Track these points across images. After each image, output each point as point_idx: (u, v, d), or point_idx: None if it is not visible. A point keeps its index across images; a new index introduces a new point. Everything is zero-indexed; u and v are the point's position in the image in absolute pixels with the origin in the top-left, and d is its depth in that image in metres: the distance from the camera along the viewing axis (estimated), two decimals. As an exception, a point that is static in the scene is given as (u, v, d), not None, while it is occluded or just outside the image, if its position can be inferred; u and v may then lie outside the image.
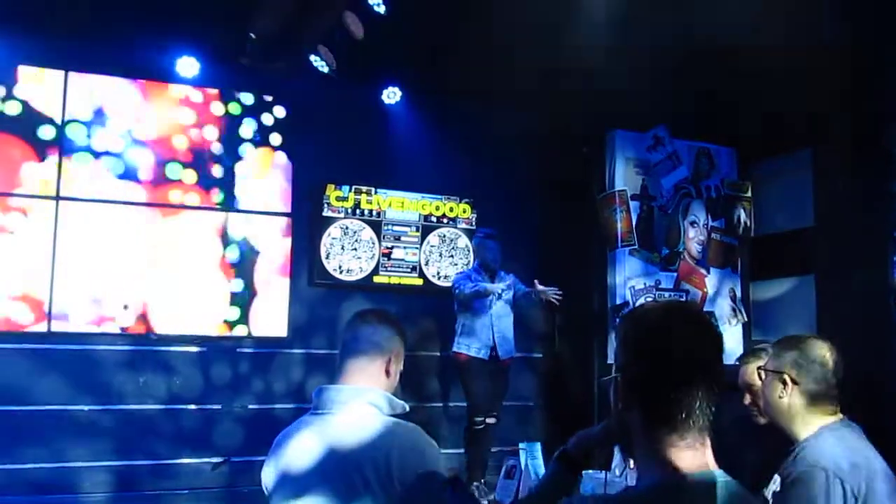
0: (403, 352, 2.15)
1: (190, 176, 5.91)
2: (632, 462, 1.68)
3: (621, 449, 1.45)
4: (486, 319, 5.50)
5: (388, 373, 2.08)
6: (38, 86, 5.63)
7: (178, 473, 5.67)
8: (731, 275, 6.66)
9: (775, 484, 2.17)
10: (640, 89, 6.02)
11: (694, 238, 6.53)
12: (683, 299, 6.16)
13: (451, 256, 6.48)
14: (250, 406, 5.90)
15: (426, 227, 6.45)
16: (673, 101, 6.15)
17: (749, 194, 6.71)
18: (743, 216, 6.66)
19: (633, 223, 6.35)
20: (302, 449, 1.96)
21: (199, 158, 5.94)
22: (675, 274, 6.47)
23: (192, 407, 5.79)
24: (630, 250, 6.37)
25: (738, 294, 6.63)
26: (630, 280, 6.34)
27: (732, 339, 6.52)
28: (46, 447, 5.39)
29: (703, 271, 6.54)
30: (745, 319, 6.58)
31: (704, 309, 6.49)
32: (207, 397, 5.83)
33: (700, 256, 6.53)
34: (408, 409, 2.12)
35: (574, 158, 6.55)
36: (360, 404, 2.00)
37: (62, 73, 5.69)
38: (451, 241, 6.51)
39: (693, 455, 1.29)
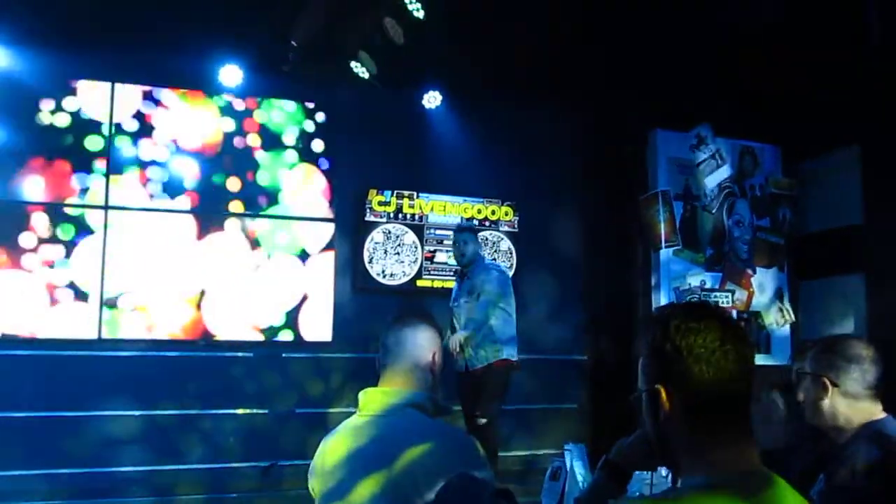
0: (441, 351, 2.16)
1: (234, 183, 5.98)
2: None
3: (660, 457, 1.41)
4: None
5: (428, 372, 2.09)
6: (85, 98, 5.73)
7: (228, 478, 5.72)
8: (778, 275, 6.56)
9: (820, 484, 2.15)
10: (683, 88, 5.99)
11: (739, 238, 6.44)
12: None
13: (494, 259, 6.46)
14: (297, 410, 5.94)
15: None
16: (716, 100, 6.09)
17: (795, 193, 6.61)
18: (789, 215, 6.56)
19: (677, 223, 6.28)
20: (348, 451, 1.97)
21: (242, 166, 6.01)
22: (721, 274, 6.39)
23: (240, 412, 5.84)
24: (674, 251, 6.31)
25: (786, 294, 6.53)
26: (674, 281, 6.28)
27: (780, 340, 6.43)
28: (97, 452, 5.49)
29: (749, 271, 6.45)
30: (793, 319, 6.47)
31: (751, 309, 6.42)
32: (254, 402, 5.88)
33: (746, 256, 6.45)
34: (453, 410, 2.12)
35: (616, 159, 6.50)
36: (406, 407, 2.01)
37: (108, 84, 5.80)
38: (494, 244, 6.50)
39: (738, 452, 1.28)
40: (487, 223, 6.50)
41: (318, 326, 6.05)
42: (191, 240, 5.86)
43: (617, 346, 6.79)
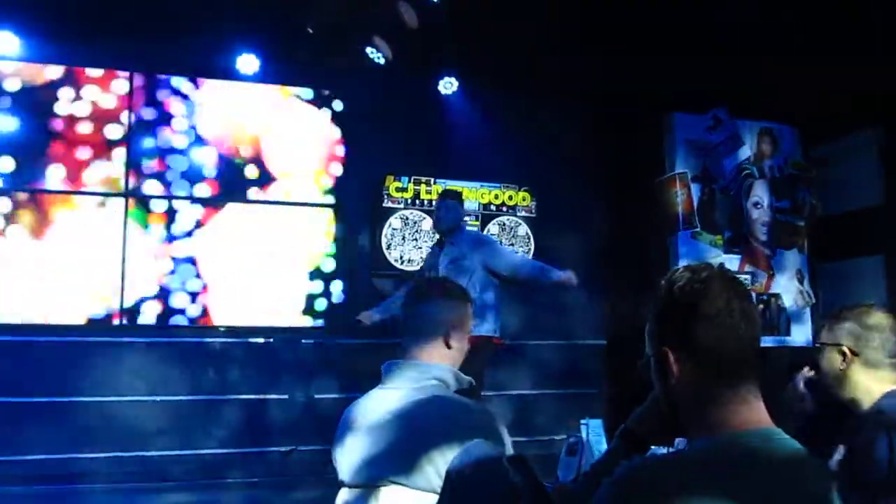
0: (469, 320, 2.14)
1: (252, 171, 6.01)
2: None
3: (669, 422, 1.40)
4: None
5: (448, 345, 2.08)
6: (104, 87, 5.77)
7: (249, 462, 5.76)
8: (798, 256, 6.52)
9: (839, 453, 2.14)
10: (699, 70, 5.95)
11: (758, 219, 6.41)
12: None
13: (512, 244, 6.46)
14: (316, 395, 5.95)
15: (486, 215, 6.45)
16: (733, 81, 6.05)
17: (814, 174, 6.57)
18: (808, 196, 6.52)
19: (695, 206, 6.26)
20: (369, 422, 1.99)
21: (260, 154, 6.03)
22: (740, 256, 6.36)
23: (261, 397, 5.87)
24: (692, 233, 6.28)
25: (806, 276, 6.50)
26: (693, 263, 6.24)
27: (800, 322, 6.40)
28: (121, 437, 5.53)
29: (769, 253, 6.42)
30: (814, 301, 6.44)
31: (770, 291, 6.39)
32: (274, 388, 5.91)
33: (765, 238, 6.41)
34: (473, 384, 2.13)
35: (633, 142, 6.47)
36: (427, 380, 2.02)
37: (127, 73, 5.83)
38: (512, 229, 6.50)
39: (748, 410, 1.28)
40: (505, 208, 6.50)
41: (335, 312, 6.06)
42: (209, 226, 5.88)
43: (634, 330, 6.79)
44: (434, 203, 5.27)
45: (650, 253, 6.49)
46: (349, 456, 2.02)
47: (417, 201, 6.28)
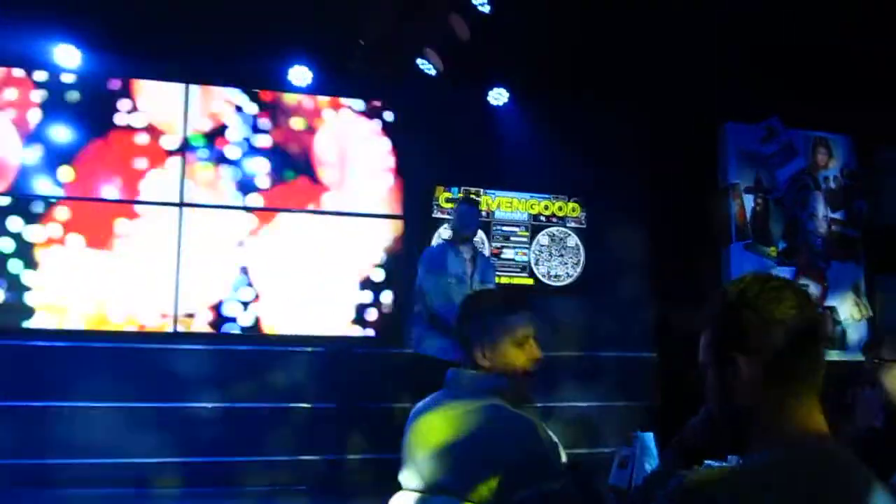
0: (523, 331, 2.10)
1: (304, 181, 6.06)
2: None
3: (727, 433, 1.37)
4: None
5: (504, 356, 2.07)
6: (160, 98, 5.88)
7: (296, 470, 5.77)
8: (854, 268, 6.41)
9: None
10: (752, 80, 5.91)
11: (813, 231, 6.32)
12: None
13: (561, 256, 6.44)
14: (367, 405, 5.95)
15: (535, 226, 6.43)
16: (787, 91, 6.01)
17: (870, 184, 6.47)
18: (864, 207, 6.42)
19: (748, 217, 6.19)
20: (426, 428, 2.01)
21: (312, 164, 6.09)
22: (794, 269, 6.27)
23: (310, 406, 5.88)
24: (745, 245, 6.23)
25: (862, 288, 6.38)
26: (758, 272, 6.16)
27: (856, 335, 6.28)
28: (170, 443, 5.58)
29: (823, 265, 6.32)
30: (870, 314, 6.32)
31: (826, 304, 6.28)
32: (324, 396, 5.91)
33: (820, 250, 6.32)
34: (530, 395, 2.12)
35: (685, 153, 6.42)
36: (483, 390, 2.03)
37: (182, 85, 5.93)
38: (561, 240, 6.47)
39: (813, 421, 1.26)
40: (555, 219, 6.48)
41: (387, 322, 6.07)
42: (262, 236, 5.94)
43: (687, 344, 6.70)
44: (459, 207, 5.17)
45: (702, 265, 6.42)
46: (406, 460, 2.04)
47: (467, 212, 6.28)
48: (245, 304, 5.88)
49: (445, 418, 1.98)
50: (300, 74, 6.00)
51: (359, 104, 6.24)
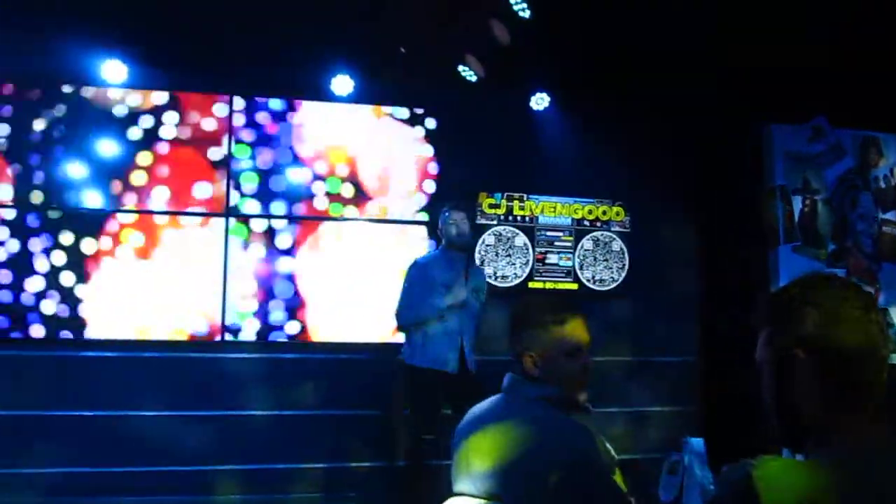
0: (574, 340, 2.11)
1: (348, 189, 6.09)
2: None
3: (783, 431, 1.35)
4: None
5: (555, 363, 2.08)
6: (205, 110, 5.94)
7: (346, 476, 5.80)
8: (908, 270, 6.29)
9: None
10: (798, 80, 5.82)
11: (863, 232, 6.20)
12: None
13: (606, 260, 6.40)
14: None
15: (579, 231, 6.40)
16: (834, 90, 5.90)
17: (922, 183, 6.35)
18: (918, 206, 6.29)
19: (796, 219, 6.10)
20: (483, 436, 2.02)
21: (355, 172, 6.11)
22: (844, 270, 6.16)
23: (356, 413, 5.90)
24: (793, 248, 6.13)
25: (915, 290, 6.26)
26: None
27: (910, 338, 6.15)
28: (219, 450, 5.66)
29: (875, 267, 6.20)
30: (924, 316, 6.19)
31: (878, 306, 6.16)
32: (369, 403, 5.93)
33: (871, 251, 6.20)
34: (586, 409, 2.11)
35: (730, 155, 6.35)
36: (535, 398, 2.05)
37: (227, 97, 5.99)
38: (606, 244, 6.43)
39: (875, 422, 1.25)
40: (598, 223, 6.44)
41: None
42: (307, 244, 5.99)
43: (733, 347, 6.62)
44: (450, 213, 5.20)
45: (750, 268, 6.34)
46: (458, 464, 2.04)
47: (510, 217, 6.27)
48: (291, 313, 5.93)
49: (501, 429, 1.99)
50: (342, 83, 6.03)
51: (401, 112, 6.26)
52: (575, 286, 6.37)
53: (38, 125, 5.71)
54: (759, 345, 1.35)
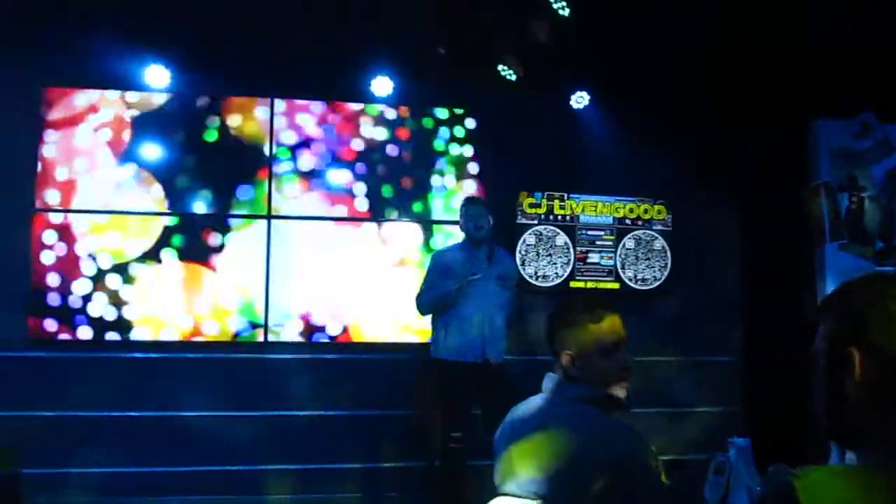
0: (610, 340, 2.09)
1: (388, 190, 6.11)
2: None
3: (831, 427, 1.33)
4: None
5: (594, 363, 2.07)
6: (247, 114, 6.00)
7: (391, 477, 5.82)
8: (958, 267, 6.14)
9: None
10: (843, 75, 5.73)
11: (913, 229, 6.08)
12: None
13: (648, 259, 6.35)
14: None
15: (620, 230, 6.35)
16: (882, 84, 5.79)
17: (973, 178, 6.20)
18: (969, 203, 6.15)
19: (843, 216, 6.00)
20: (521, 433, 2.04)
21: (396, 173, 6.13)
22: (893, 269, 6.03)
23: (400, 413, 5.91)
24: (839, 245, 6.02)
25: (967, 288, 6.10)
26: (841, 277, 5.95)
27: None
28: (264, 450, 5.71)
29: (925, 265, 6.08)
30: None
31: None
32: (412, 403, 5.93)
33: (920, 249, 6.08)
34: (627, 406, 2.10)
35: (774, 152, 6.26)
36: (578, 398, 2.04)
37: (268, 100, 6.04)
38: (648, 243, 6.38)
39: None
40: (640, 222, 6.38)
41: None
42: (348, 245, 6.01)
43: (778, 346, 6.54)
44: (466, 208, 5.27)
45: (796, 267, 6.25)
46: (502, 468, 2.04)
47: (551, 217, 6.25)
48: (332, 314, 5.96)
49: (544, 433, 2.00)
50: (382, 85, 6.04)
51: (441, 112, 6.26)
52: (616, 285, 6.32)
53: (84, 130, 5.80)
54: (818, 336, 1.32)
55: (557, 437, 1.95)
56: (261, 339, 5.88)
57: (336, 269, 6.00)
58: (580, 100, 6.28)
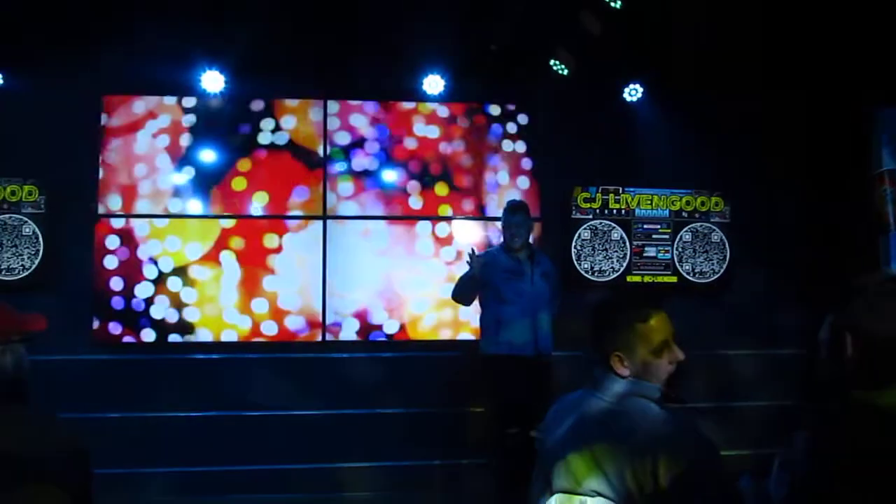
0: (660, 337, 2.04)
1: (442, 188, 6.12)
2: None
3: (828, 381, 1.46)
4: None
5: (644, 359, 2.03)
6: (301, 115, 6.05)
7: (452, 472, 5.83)
8: None
9: None
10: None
11: (978, 216, 5.90)
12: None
13: (706, 252, 6.26)
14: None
15: (677, 223, 6.28)
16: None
17: None
18: None
19: (906, 204, 5.85)
20: (574, 429, 2.03)
21: (449, 171, 6.14)
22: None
23: (457, 410, 5.91)
24: (904, 234, 5.87)
25: None
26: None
27: None
28: (321, 449, 5.77)
29: None
30: None
31: None
32: (468, 400, 5.92)
33: None
34: (685, 402, 2.08)
35: (835, 141, 6.13)
36: (630, 393, 2.02)
37: (321, 101, 6.09)
38: (705, 236, 6.29)
39: None
40: (697, 215, 6.30)
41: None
42: (403, 244, 6.04)
43: (840, 339, 6.40)
44: (505, 217, 5.26)
45: (858, 257, 6.10)
46: (562, 465, 2.03)
47: (606, 211, 6.20)
48: (390, 312, 5.98)
49: (595, 421, 2.00)
50: (434, 83, 6.06)
51: (493, 109, 6.25)
52: (674, 279, 6.25)
53: (142, 136, 5.91)
54: (822, 327, 1.66)
55: (619, 435, 1.93)
56: (319, 338, 5.92)
57: (391, 268, 6.02)
58: (633, 92, 6.22)
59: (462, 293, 5.24)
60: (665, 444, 1.88)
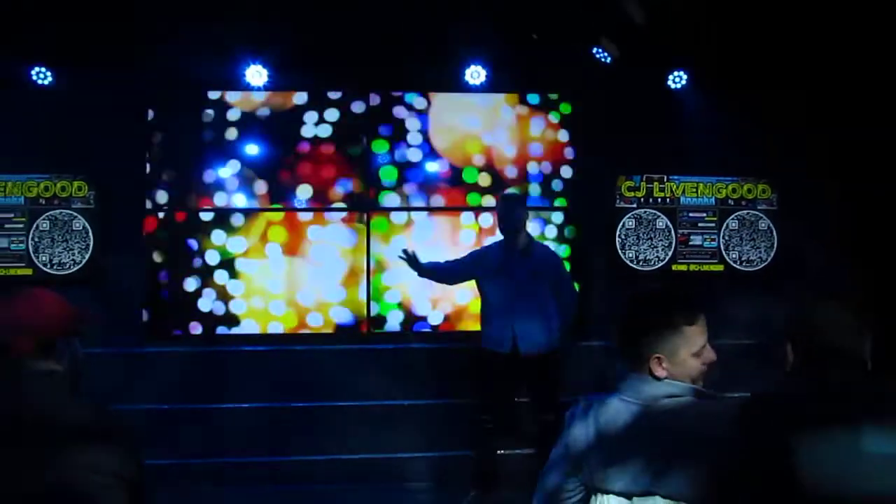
0: (701, 340, 2.01)
1: (485, 179, 6.11)
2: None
3: None
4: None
5: (674, 361, 1.98)
6: (344, 108, 6.08)
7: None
8: None
9: None
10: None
11: None
12: None
13: (753, 240, 6.19)
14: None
15: (723, 211, 6.21)
16: None
17: None
18: None
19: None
20: (616, 433, 1.98)
21: (492, 161, 6.13)
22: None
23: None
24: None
25: None
26: None
27: None
28: (367, 438, 5.75)
29: None
30: None
31: None
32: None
33: None
34: (715, 394, 2.05)
35: (881, 126, 6.00)
36: (666, 397, 1.98)
37: (364, 93, 6.10)
38: (752, 224, 6.22)
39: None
40: (744, 202, 6.22)
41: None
42: (447, 234, 6.05)
43: (888, 328, 6.28)
44: (501, 203, 5.03)
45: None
46: (605, 469, 2.00)
47: (650, 200, 6.15)
48: (433, 303, 5.99)
49: (636, 425, 1.97)
50: (475, 74, 6.04)
51: (535, 98, 6.22)
52: (721, 268, 6.19)
53: (187, 130, 5.98)
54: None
55: (662, 433, 1.90)
56: (364, 329, 5.96)
57: (433, 259, 6.01)
58: (677, 79, 6.14)
59: (431, 280, 5.20)
60: (706, 444, 1.86)
